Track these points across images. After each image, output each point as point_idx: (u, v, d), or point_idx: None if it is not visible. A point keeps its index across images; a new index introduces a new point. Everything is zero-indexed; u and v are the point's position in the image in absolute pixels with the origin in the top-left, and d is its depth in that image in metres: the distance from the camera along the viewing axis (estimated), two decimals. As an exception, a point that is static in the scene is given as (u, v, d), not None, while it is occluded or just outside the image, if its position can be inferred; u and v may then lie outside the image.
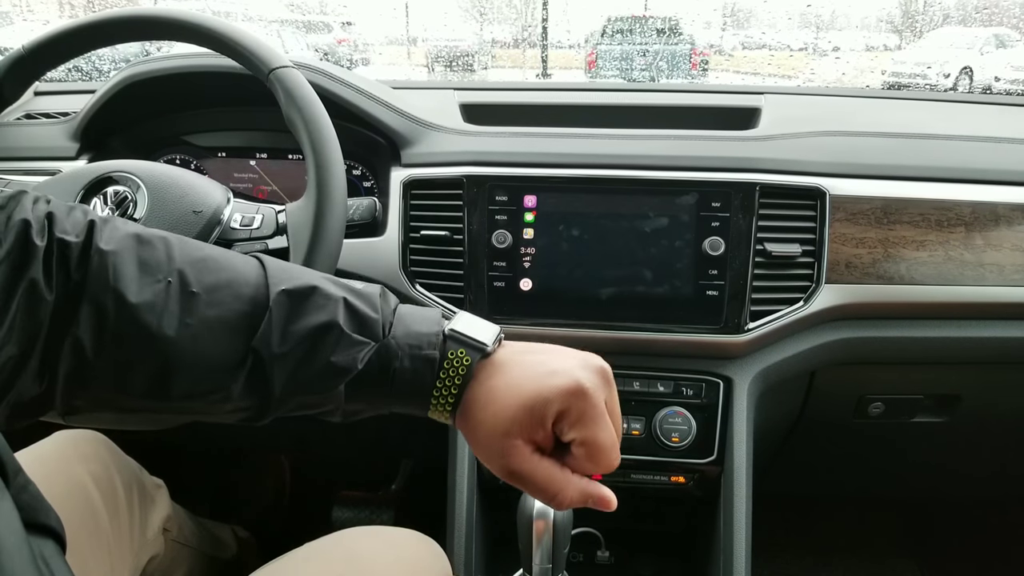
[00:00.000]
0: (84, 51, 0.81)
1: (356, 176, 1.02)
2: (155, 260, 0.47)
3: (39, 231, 0.45)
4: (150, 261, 0.47)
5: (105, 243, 0.46)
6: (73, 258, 0.45)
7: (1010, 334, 0.90)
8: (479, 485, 0.91)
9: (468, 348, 0.50)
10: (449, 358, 0.50)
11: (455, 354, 0.50)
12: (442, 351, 0.50)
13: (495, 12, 3.06)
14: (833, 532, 1.52)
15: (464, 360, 0.50)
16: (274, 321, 0.47)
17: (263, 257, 0.52)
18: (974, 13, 2.50)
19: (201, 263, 0.49)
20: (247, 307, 0.48)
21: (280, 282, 0.49)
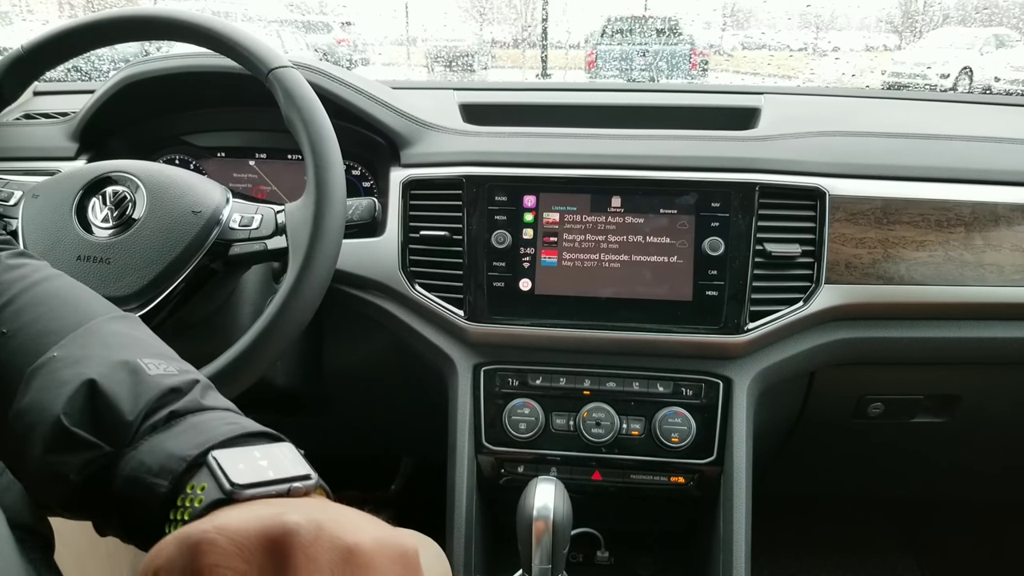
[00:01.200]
0: (83, 51, 0.81)
1: (355, 176, 1.02)
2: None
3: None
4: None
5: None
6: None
7: (1010, 334, 0.90)
8: (479, 485, 0.91)
9: (212, 486, 0.36)
10: (186, 491, 0.37)
11: (192, 488, 0.36)
12: (178, 481, 0.37)
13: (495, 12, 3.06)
14: (833, 532, 1.52)
15: (197, 500, 0.36)
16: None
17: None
18: (974, 13, 2.50)
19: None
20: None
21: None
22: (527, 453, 0.90)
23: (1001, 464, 1.20)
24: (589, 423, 0.88)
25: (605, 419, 0.88)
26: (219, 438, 0.38)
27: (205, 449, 0.37)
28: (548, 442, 0.89)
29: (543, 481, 0.75)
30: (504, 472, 0.92)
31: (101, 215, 0.75)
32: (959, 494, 1.38)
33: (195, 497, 0.35)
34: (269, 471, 0.37)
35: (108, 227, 0.75)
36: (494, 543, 0.99)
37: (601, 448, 0.88)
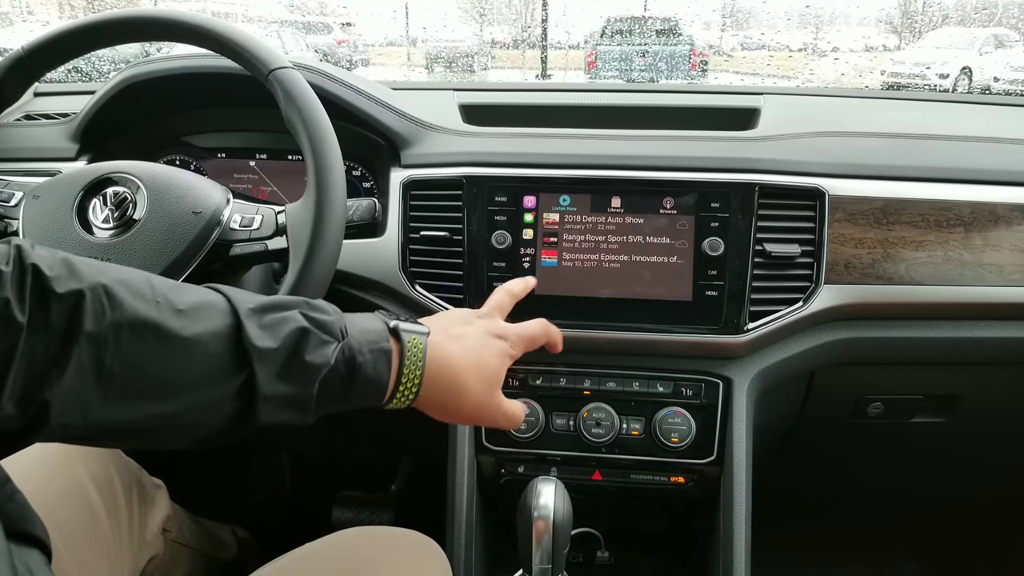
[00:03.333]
0: (84, 52, 0.81)
1: (356, 177, 1.02)
2: (139, 285, 0.49)
3: (2, 259, 0.44)
4: (135, 286, 0.49)
5: (87, 272, 0.47)
6: (51, 288, 0.45)
7: (1009, 334, 0.90)
8: (479, 485, 0.91)
9: (417, 335, 0.59)
10: (408, 347, 0.58)
11: (412, 342, 0.58)
12: (397, 343, 0.58)
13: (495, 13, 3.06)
14: (833, 532, 1.52)
15: (420, 344, 0.59)
16: (253, 332, 0.51)
17: (218, 285, 0.55)
18: (973, 13, 2.50)
19: (176, 288, 0.51)
20: (229, 320, 0.51)
21: (243, 301, 0.53)
22: (527, 453, 0.90)
23: (1000, 464, 1.20)
24: (589, 423, 0.88)
25: (605, 419, 0.88)
26: (380, 317, 0.60)
27: (386, 323, 0.59)
28: (548, 442, 0.89)
29: (543, 481, 0.75)
30: (504, 472, 0.92)
31: (102, 216, 0.75)
32: (959, 494, 1.38)
33: (416, 344, 0.59)
34: (412, 322, 0.62)
35: (109, 228, 0.75)
36: (494, 543, 1.00)
37: (601, 448, 0.88)
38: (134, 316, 0.47)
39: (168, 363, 0.48)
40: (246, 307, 0.52)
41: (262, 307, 0.53)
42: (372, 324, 0.58)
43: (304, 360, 0.52)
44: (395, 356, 0.57)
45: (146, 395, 0.48)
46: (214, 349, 0.50)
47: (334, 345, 0.54)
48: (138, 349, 0.47)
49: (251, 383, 0.50)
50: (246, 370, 0.50)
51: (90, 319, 0.45)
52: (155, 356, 0.47)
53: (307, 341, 0.53)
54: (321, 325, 0.54)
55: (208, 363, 0.50)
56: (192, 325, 0.49)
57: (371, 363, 0.56)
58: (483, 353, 0.63)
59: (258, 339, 0.51)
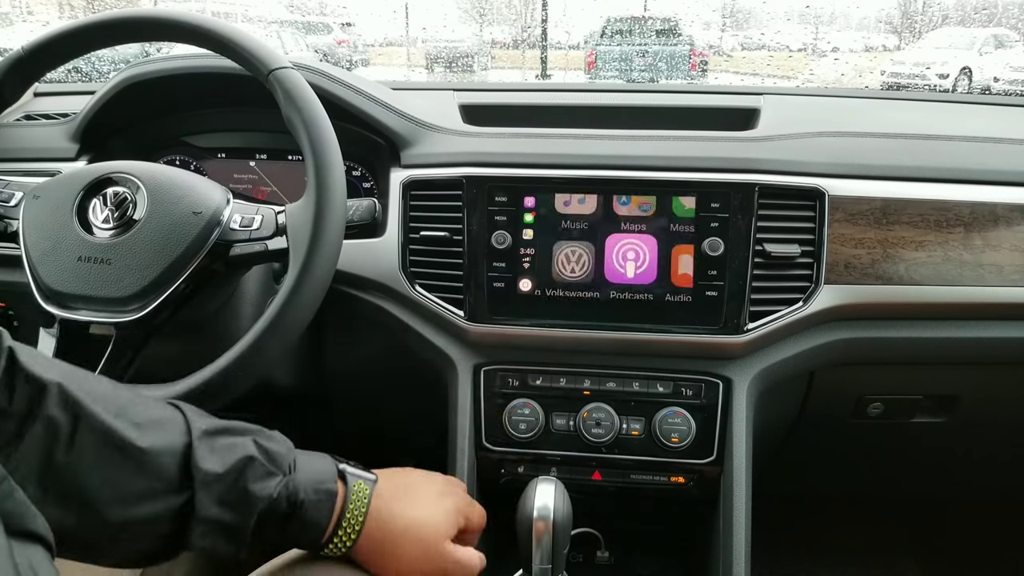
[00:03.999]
0: (84, 52, 0.81)
1: (356, 177, 1.02)
2: (102, 393, 0.52)
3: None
4: (97, 393, 0.52)
5: (56, 371, 0.50)
6: (22, 375, 0.47)
7: (1009, 334, 0.90)
8: (479, 485, 0.91)
9: (364, 482, 0.61)
10: (353, 491, 0.59)
11: (357, 487, 0.60)
12: (343, 486, 0.59)
13: (494, 13, 3.06)
14: (833, 532, 1.52)
15: (364, 491, 0.60)
16: (202, 454, 0.53)
17: (177, 403, 0.57)
18: (973, 14, 2.50)
19: (135, 403, 0.54)
20: (182, 439, 0.53)
21: (198, 422, 0.55)
22: (527, 453, 0.90)
23: (1000, 464, 1.20)
24: (589, 423, 0.88)
25: (605, 419, 0.88)
26: (330, 458, 0.63)
27: (335, 466, 0.62)
28: (548, 442, 0.89)
29: (543, 481, 0.75)
30: (504, 472, 0.92)
31: (102, 216, 0.75)
32: (958, 494, 1.38)
33: (361, 490, 0.60)
34: (358, 467, 0.65)
35: (109, 228, 0.75)
36: (494, 543, 1.00)
37: (601, 448, 0.88)
38: (91, 416, 0.49)
39: (116, 471, 0.50)
40: (200, 428, 0.54)
41: (216, 430, 0.55)
42: (321, 464, 0.60)
43: (247, 489, 0.54)
44: (339, 499, 0.58)
45: (87, 500, 0.49)
46: (163, 464, 0.52)
47: (279, 478, 0.55)
48: (89, 449, 0.49)
49: (190, 505, 0.52)
50: (187, 491, 0.52)
51: (50, 408, 0.47)
52: (105, 460, 0.50)
53: (252, 470, 0.54)
54: (270, 456, 0.56)
55: (155, 478, 0.51)
56: (146, 438, 0.51)
57: (313, 503, 0.57)
58: (432, 506, 0.65)
59: (205, 462, 0.53)
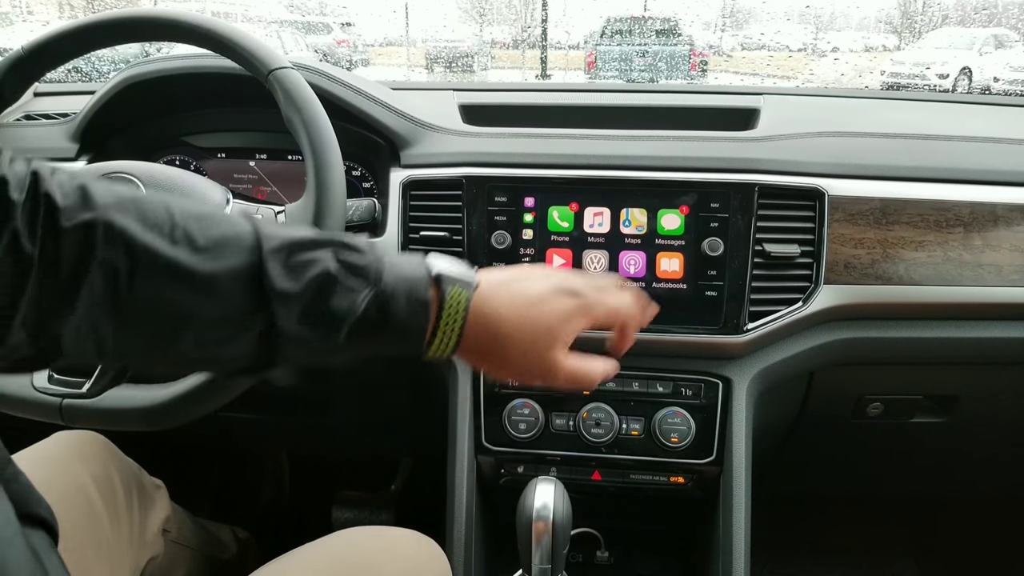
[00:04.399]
0: (84, 52, 0.81)
1: (355, 177, 1.02)
2: (157, 217, 0.47)
3: (17, 187, 0.43)
4: (152, 218, 0.47)
5: (101, 203, 0.45)
6: (64, 217, 0.44)
7: (1009, 334, 0.90)
8: (479, 485, 0.91)
9: (461, 285, 0.54)
10: (449, 296, 0.54)
11: (453, 292, 0.54)
12: (437, 292, 0.54)
13: (494, 13, 3.06)
14: (832, 532, 1.52)
15: (462, 297, 0.54)
16: (275, 272, 0.49)
17: (251, 216, 0.53)
18: (973, 14, 2.50)
19: (200, 219, 0.49)
20: (251, 258, 0.49)
21: (272, 237, 0.50)
22: (527, 453, 0.90)
23: (1000, 464, 1.20)
24: (589, 423, 0.88)
25: (605, 419, 0.88)
26: (425, 262, 0.56)
27: (428, 270, 0.55)
28: (548, 442, 0.89)
29: (543, 481, 0.75)
30: (504, 472, 0.92)
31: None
32: (958, 494, 1.38)
33: (457, 296, 0.54)
34: (464, 267, 0.57)
35: (109, 228, 0.74)
36: (494, 543, 1.00)
37: (601, 448, 0.88)
38: (146, 251, 0.45)
39: (183, 301, 0.47)
40: (271, 246, 0.49)
41: (290, 245, 0.50)
42: (413, 270, 0.54)
43: (328, 306, 0.50)
44: (433, 307, 0.54)
45: (161, 331, 0.47)
46: (232, 289, 0.48)
47: (364, 292, 0.51)
48: (151, 285, 0.46)
49: (272, 325, 0.49)
50: (266, 311, 0.48)
51: (101, 250, 0.44)
52: (169, 293, 0.46)
53: (333, 286, 0.50)
54: (353, 268, 0.51)
55: (226, 303, 0.48)
56: (210, 263, 0.47)
57: (405, 312, 0.52)
58: (541, 304, 0.57)
59: (279, 281, 0.48)
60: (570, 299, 0.58)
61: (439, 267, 0.55)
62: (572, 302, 0.58)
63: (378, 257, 0.53)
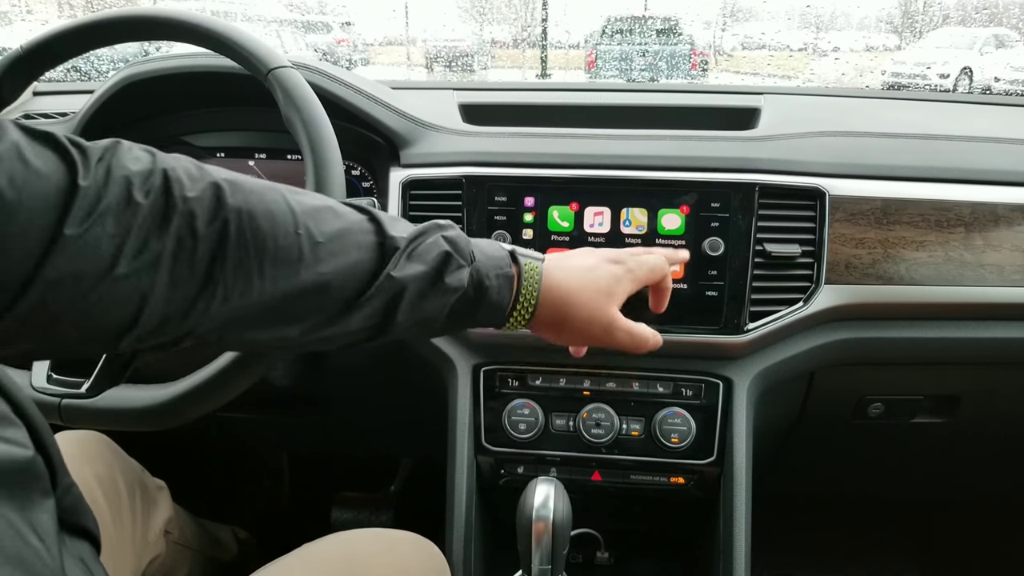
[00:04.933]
0: (83, 51, 0.81)
1: (355, 176, 1.02)
2: (281, 213, 0.49)
3: (144, 187, 0.43)
4: (278, 215, 0.49)
5: (232, 202, 0.47)
6: (202, 218, 0.45)
7: (1010, 334, 0.90)
8: (479, 486, 0.91)
9: (534, 261, 0.62)
10: (526, 271, 0.61)
11: (529, 266, 0.61)
12: (516, 268, 0.61)
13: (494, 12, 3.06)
14: (833, 533, 1.52)
15: (536, 268, 0.62)
16: (401, 263, 0.53)
17: (366, 207, 0.56)
18: (974, 13, 2.50)
19: (317, 213, 0.51)
20: (371, 253, 0.53)
21: (391, 227, 0.55)
22: (527, 454, 0.90)
23: (1001, 464, 1.20)
24: (589, 423, 0.88)
25: (605, 419, 0.88)
26: (499, 242, 0.64)
27: (506, 249, 0.63)
28: (548, 442, 0.89)
29: (543, 482, 0.75)
30: (504, 473, 0.92)
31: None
32: (959, 494, 1.38)
33: (533, 269, 0.62)
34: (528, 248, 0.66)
35: (107, 227, 0.74)
36: (494, 543, 0.99)
37: (601, 448, 0.88)
38: (275, 250, 0.48)
39: (306, 294, 0.49)
40: (395, 243, 0.54)
41: (411, 237, 0.55)
42: (495, 249, 0.61)
43: (444, 283, 0.55)
44: (515, 280, 0.60)
45: (283, 321, 0.50)
46: (349, 281, 0.51)
47: (467, 269, 0.57)
48: (283, 278, 0.48)
49: (393, 308, 0.53)
50: (389, 296, 0.53)
51: (234, 250, 0.46)
52: (294, 286, 0.49)
53: (448, 264, 0.56)
54: (458, 248, 0.57)
55: (343, 292, 0.51)
56: (329, 258, 0.50)
57: (496, 288, 0.59)
58: (595, 271, 0.65)
59: (406, 269, 0.53)
60: (616, 265, 0.66)
61: (512, 247, 0.63)
62: (619, 267, 0.66)
63: (467, 238, 0.59)
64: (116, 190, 0.41)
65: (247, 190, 0.49)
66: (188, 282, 0.44)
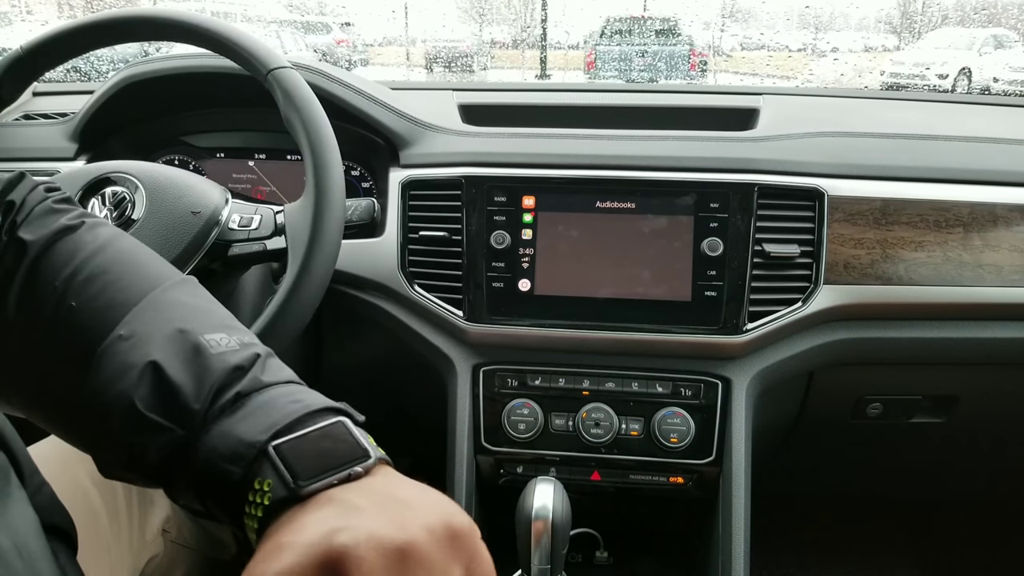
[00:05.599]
0: (83, 52, 0.81)
1: (355, 177, 1.02)
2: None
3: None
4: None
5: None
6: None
7: (1008, 334, 0.90)
8: (478, 485, 0.91)
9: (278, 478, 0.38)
10: (255, 487, 0.38)
11: (259, 483, 0.38)
12: (248, 468, 0.39)
13: (494, 13, 3.06)
14: (832, 533, 1.52)
15: (267, 495, 0.37)
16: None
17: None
18: (972, 14, 2.50)
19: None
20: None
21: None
22: (526, 453, 0.90)
23: (999, 464, 1.20)
24: (588, 423, 0.88)
25: (604, 419, 0.88)
26: (283, 421, 0.39)
27: (271, 435, 0.39)
28: (547, 442, 0.89)
29: (542, 481, 0.75)
30: (503, 472, 0.92)
31: (101, 215, 0.75)
32: (958, 494, 1.38)
33: (264, 494, 0.37)
34: (330, 456, 0.38)
35: (107, 228, 0.75)
36: (493, 543, 0.99)
37: (600, 448, 0.88)
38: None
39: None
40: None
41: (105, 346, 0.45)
42: (258, 423, 0.41)
43: (120, 442, 0.43)
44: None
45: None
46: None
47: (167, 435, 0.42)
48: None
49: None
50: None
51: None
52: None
53: (126, 418, 0.43)
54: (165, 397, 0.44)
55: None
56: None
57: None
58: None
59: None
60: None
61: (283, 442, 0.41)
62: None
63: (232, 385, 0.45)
64: None
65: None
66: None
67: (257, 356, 0.44)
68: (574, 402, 0.89)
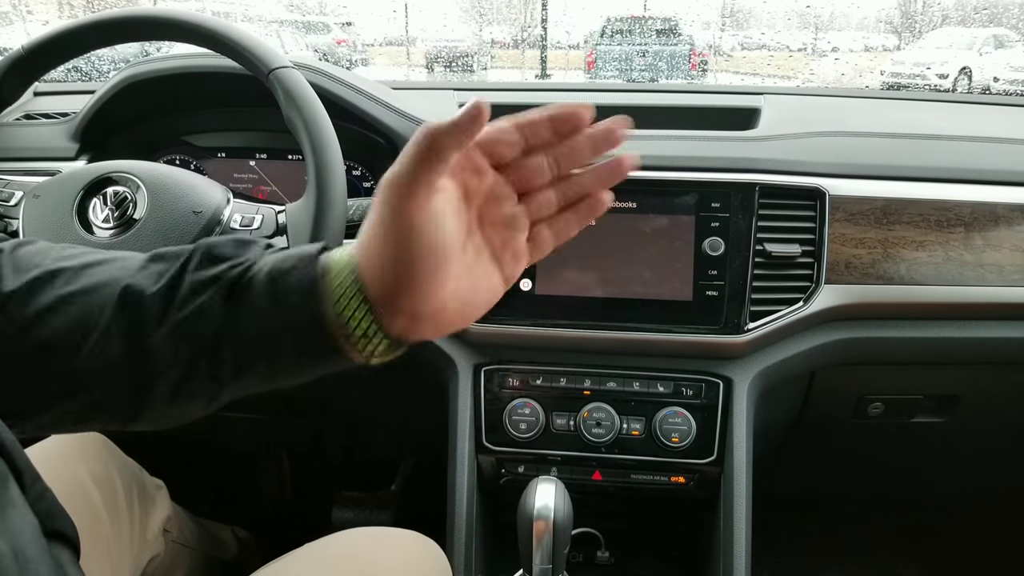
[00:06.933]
0: (83, 51, 0.81)
1: (356, 176, 1.02)
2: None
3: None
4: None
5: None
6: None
7: (1010, 334, 0.90)
8: (479, 485, 0.91)
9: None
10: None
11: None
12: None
13: (494, 13, 3.06)
14: (833, 532, 1.52)
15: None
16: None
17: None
18: (973, 14, 2.50)
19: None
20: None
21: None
22: (527, 453, 0.90)
23: (1000, 464, 1.20)
24: (589, 423, 0.88)
25: (605, 419, 0.88)
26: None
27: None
28: (548, 442, 0.89)
29: (543, 481, 0.75)
30: (504, 472, 0.92)
31: (102, 215, 0.75)
32: (959, 494, 1.38)
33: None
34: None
35: (109, 227, 0.75)
36: (494, 543, 1.00)
37: (601, 448, 0.88)
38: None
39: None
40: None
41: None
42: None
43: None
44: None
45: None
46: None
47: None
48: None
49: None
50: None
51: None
52: None
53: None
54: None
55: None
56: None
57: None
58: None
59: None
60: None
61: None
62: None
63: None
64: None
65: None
66: None
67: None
68: (575, 402, 0.89)
